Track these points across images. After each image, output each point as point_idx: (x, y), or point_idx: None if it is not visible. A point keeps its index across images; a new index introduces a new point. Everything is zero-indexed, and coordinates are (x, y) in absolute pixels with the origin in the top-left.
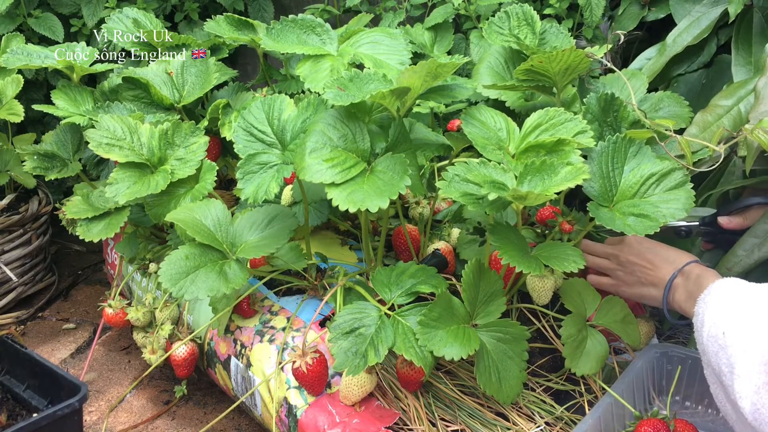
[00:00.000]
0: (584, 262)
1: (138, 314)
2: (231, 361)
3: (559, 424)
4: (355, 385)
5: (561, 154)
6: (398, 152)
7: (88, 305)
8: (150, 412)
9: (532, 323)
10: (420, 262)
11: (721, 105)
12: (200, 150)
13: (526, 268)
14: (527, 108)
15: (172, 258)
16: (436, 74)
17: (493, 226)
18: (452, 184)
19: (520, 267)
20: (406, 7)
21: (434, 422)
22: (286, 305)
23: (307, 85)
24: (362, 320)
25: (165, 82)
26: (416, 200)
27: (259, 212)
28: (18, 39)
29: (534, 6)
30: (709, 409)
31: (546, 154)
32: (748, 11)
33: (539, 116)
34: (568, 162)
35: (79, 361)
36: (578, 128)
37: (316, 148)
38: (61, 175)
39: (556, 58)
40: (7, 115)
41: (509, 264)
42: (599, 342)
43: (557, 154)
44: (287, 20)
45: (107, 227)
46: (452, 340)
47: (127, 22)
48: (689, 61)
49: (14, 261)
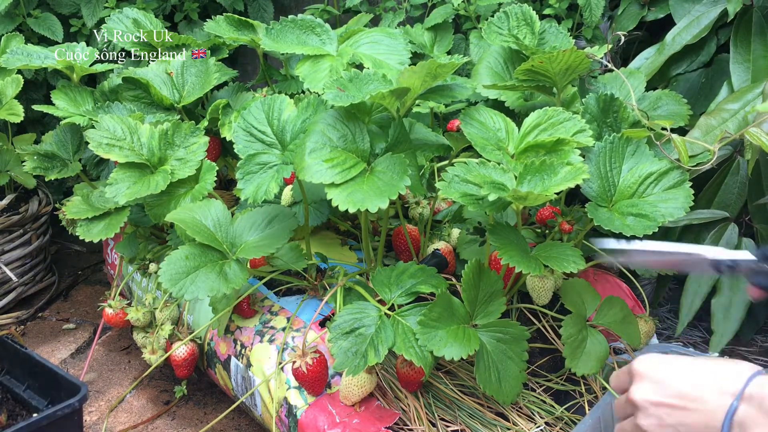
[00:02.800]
0: (584, 263)
1: (138, 314)
2: (231, 361)
3: (559, 424)
4: (355, 385)
5: (560, 153)
6: (398, 152)
7: (88, 305)
8: (150, 412)
9: (532, 323)
10: (420, 262)
11: (727, 109)
12: (200, 150)
13: (526, 269)
14: (526, 108)
15: (172, 258)
16: (436, 74)
17: (493, 227)
18: (452, 185)
19: (519, 267)
20: (406, 7)
21: (434, 422)
22: (286, 305)
23: (307, 86)
24: (362, 320)
25: (165, 83)
26: (416, 200)
27: (259, 212)
28: (18, 39)
29: (534, 6)
30: None
31: (545, 154)
32: (747, 11)
33: (538, 116)
34: (568, 162)
35: (79, 361)
36: (577, 127)
37: (315, 149)
38: (61, 175)
39: (556, 59)
40: (7, 115)
41: (509, 264)
42: (599, 342)
43: (557, 153)
44: (287, 20)
45: (107, 227)
46: (452, 340)
47: (126, 22)
48: (689, 60)
49: (14, 261)
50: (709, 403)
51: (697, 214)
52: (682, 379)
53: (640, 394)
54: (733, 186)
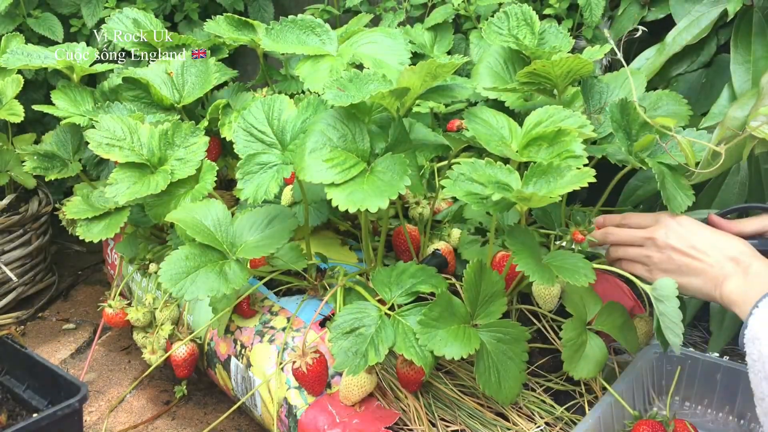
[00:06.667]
0: (594, 276)
1: (138, 314)
2: (231, 361)
3: (559, 424)
4: (355, 385)
5: (562, 143)
6: (398, 152)
7: (88, 305)
8: (150, 413)
9: (532, 323)
10: (420, 262)
11: (735, 117)
12: (200, 150)
13: (540, 279)
14: (527, 108)
15: (172, 258)
16: (436, 74)
17: (512, 228)
18: (457, 183)
19: (533, 276)
20: (406, 7)
21: (434, 422)
22: (286, 305)
23: (307, 86)
24: (362, 320)
25: (165, 83)
26: (416, 200)
27: (259, 212)
28: (18, 39)
29: (534, 6)
30: (708, 409)
31: (548, 147)
32: (747, 11)
33: (539, 114)
34: (570, 151)
35: (79, 361)
36: (578, 123)
37: (315, 149)
38: (61, 175)
39: (559, 63)
40: (7, 115)
41: (524, 272)
42: (598, 346)
43: (558, 144)
44: (287, 21)
45: (107, 227)
46: (452, 339)
47: (126, 22)
48: (689, 60)
49: (14, 261)
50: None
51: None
52: (698, 238)
53: (663, 237)
54: (733, 186)
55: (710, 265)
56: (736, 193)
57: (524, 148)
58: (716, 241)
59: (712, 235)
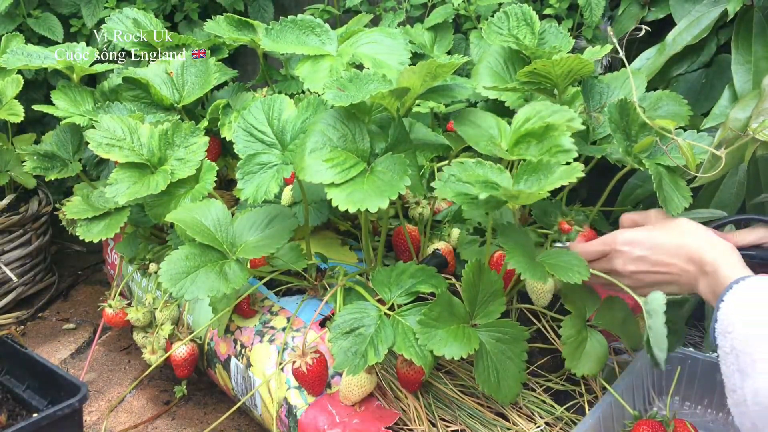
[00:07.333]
0: (588, 273)
1: (138, 314)
2: (231, 361)
3: (559, 424)
4: (355, 385)
5: (551, 138)
6: (398, 152)
7: (88, 305)
8: (150, 412)
9: (531, 323)
10: (420, 262)
11: (737, 119)
12: (200, 150)
13: (531, 276)
14: None
15: (172, 258)
16: (436, 74)
17: (504, 227)
18: (448, 184)
19: (525, 274)
20: (406, 7)
21: (434, 422)
22: (286, 305)
23: (307, 86)
24: (362, 320)
25: (165, 83)
26: (416, 200)
27: (259, 212)
28: (18, 39)
29: (534, 6)
30: (708, 409)
31: (537, 143)
32: (748, 11)
33: (526, 111)
34: (559, 145)
35: (79, 361)
36: (566, 117)
37: (315, 149)
38: (61, 175)
39: (559, 63)
40: (7, 115)
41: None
42: (599, 343)
43: (547, 139)
44: (286, 21)
45: (107, 227)
46: (452, 339)
47: (126, 22)
48: (689, 60)
49: (14, 261)
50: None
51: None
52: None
53: (621, 266)
54: (731, 186)
55: (678, 275)
56: (734, 194)
57: (514, 146)
58: (669, 247)
59: (664, 242)
